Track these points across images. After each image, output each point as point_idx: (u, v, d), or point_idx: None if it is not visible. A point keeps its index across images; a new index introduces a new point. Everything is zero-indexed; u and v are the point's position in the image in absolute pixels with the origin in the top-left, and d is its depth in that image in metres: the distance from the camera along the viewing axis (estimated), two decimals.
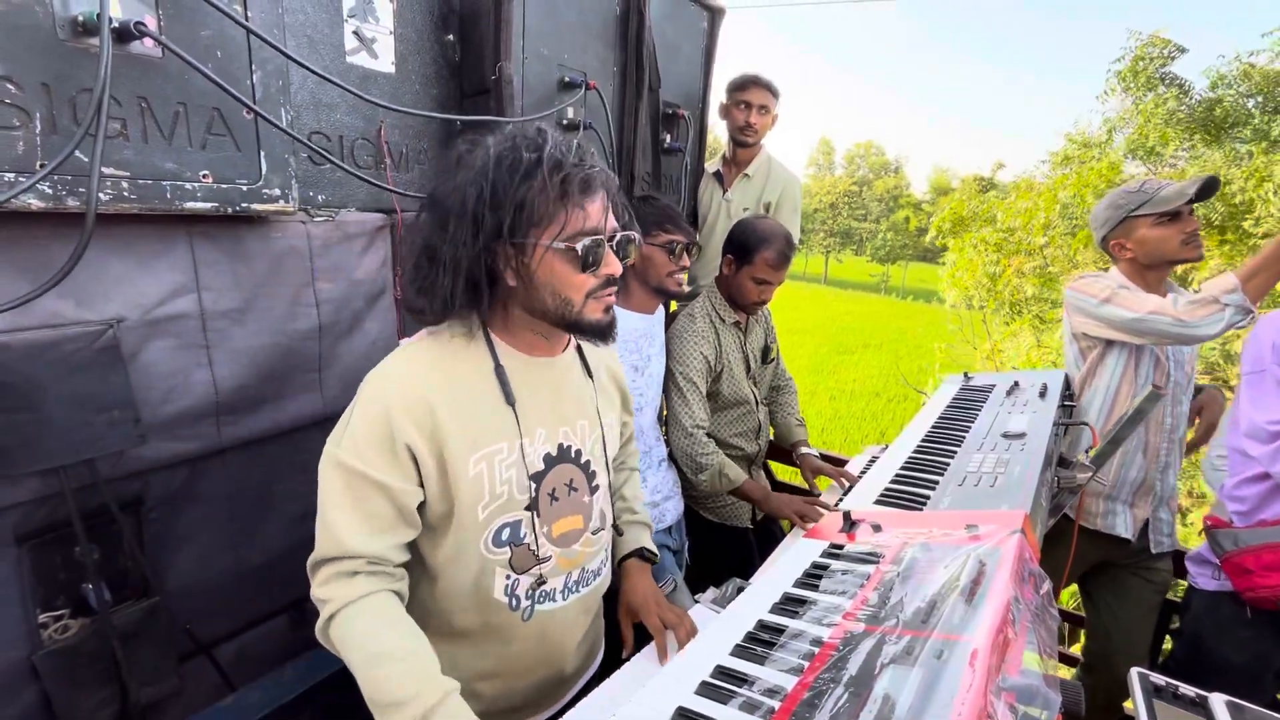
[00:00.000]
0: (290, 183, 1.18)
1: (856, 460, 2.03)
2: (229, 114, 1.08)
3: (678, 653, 0.91)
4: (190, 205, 1.05)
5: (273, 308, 1.27)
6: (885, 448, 1.84)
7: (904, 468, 1.52)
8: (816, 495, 1.83)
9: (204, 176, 1.06)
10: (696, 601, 1.17)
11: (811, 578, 1.03)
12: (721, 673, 0.80)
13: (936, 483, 1.39)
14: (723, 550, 2.01)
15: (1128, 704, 1.84)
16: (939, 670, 0.71)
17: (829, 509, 1.50)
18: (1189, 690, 0.99)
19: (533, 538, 0.98)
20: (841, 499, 1.57)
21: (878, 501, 1.37)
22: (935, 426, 1.77)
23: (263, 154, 1.13)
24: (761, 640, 0.86)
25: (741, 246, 1.80)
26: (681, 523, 1.87)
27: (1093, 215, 1.90)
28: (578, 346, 1.09)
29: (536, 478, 0.97)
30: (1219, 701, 0.97)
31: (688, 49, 2.14)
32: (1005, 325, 7.43)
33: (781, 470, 2.84)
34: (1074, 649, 2.45)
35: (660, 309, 1.82)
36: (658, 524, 1.72)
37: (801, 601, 0.95)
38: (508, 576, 0.97)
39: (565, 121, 1.69)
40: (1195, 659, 1.65)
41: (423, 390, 0.88)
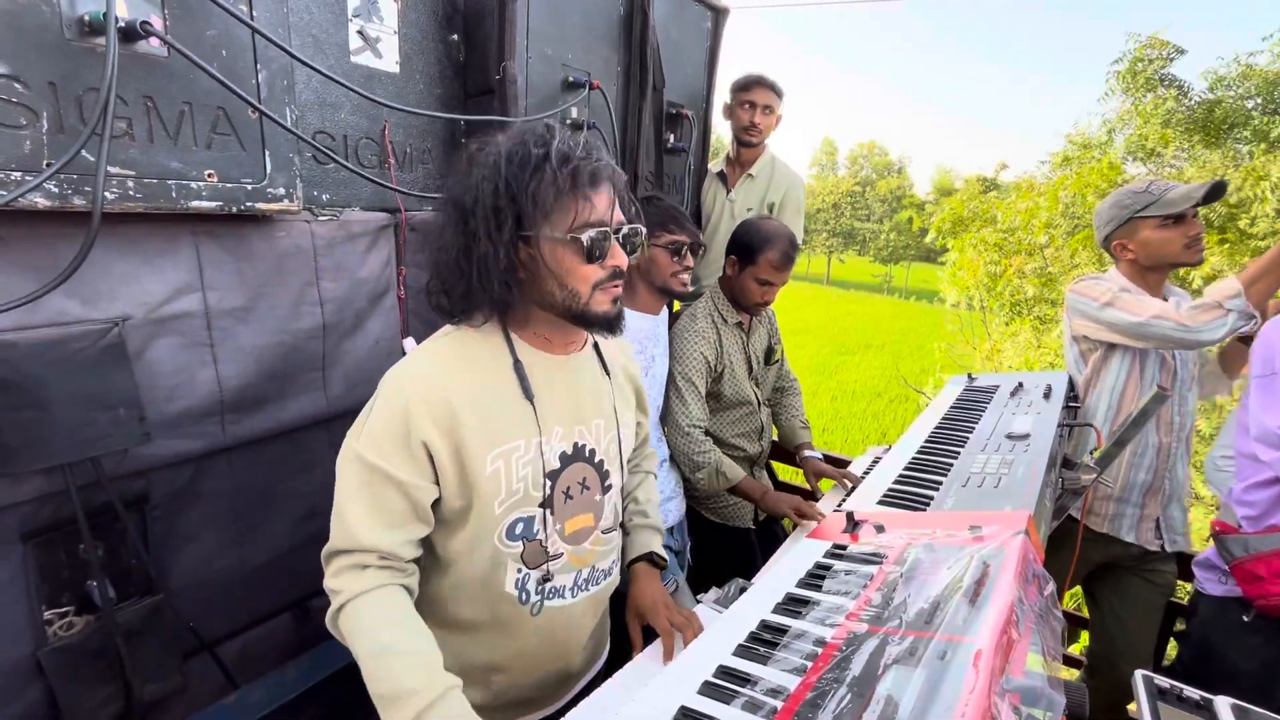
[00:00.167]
0: (295, 182, 1.18)
1: (860, 461, 2.03)
2: (234, 113, 1.08)
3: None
4: (195, 204, 1.05)
5: (277, 307, 1.28)
6: (888, 448, 1.84)
7: (907, 468, 1.52)
8: (819, 498, 1.82)
9: (209, 176, 1.06)
10: (699, 602, 1.17)
11: (814, 578, 1.03)
12: (724, 672, 0.80)
13: (940, 483, 1.39)
14: (725, 550, 2.01)
15: (1131, 706, 1.83)
16: (942, 671, 0.71)
17: (820, 516, 1.51)
18: (1193, 693, 0.99)
19: (545, 534, 0.99)
20: (844, 499, 1.57)
21: (881, 502, 1.36)
22: (939, 427, 1.76)
23: (267, 153, 1.14)
24: (764, 640, 0.86)
25: (745, 247, 1.80)
26: (684, 523, 1.87)
27: (1096, 213, 1.89)
28: (595, 345, 1.09)
29: (552, 475, 0.98)
30: (1224, 704, 0.97)
31: (692, 49, 2.14)
32: (1005, 325, 7.41)
33: (784, 470, 2.84)
34: (1073, 649, 2.44)
35: (665, 310, 1.82)
36: None
37: (804, 602, 0.95)
38: (519, 570, 0.99)
39: (569, 121, 1.69)
40: (1203, 664, 1.64)
41: (442, 388, 0.90)
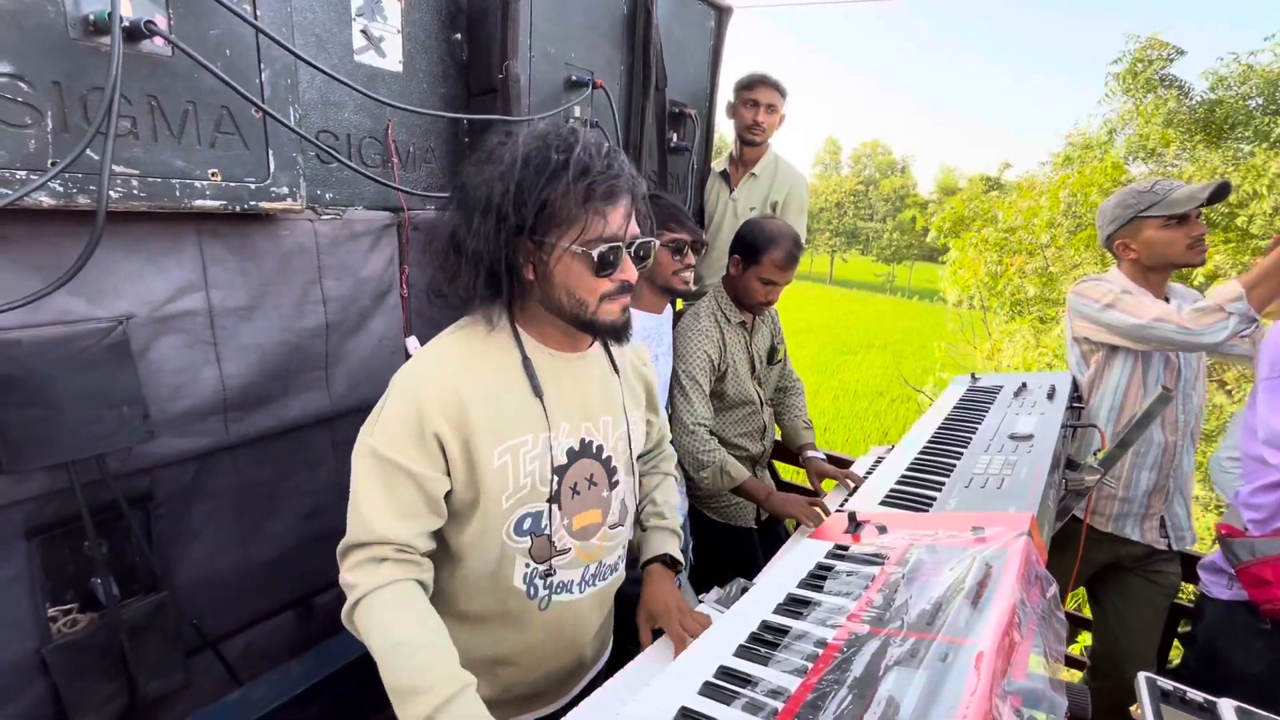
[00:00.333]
0: (298, 181, 1.19)
1: (862, 461, 2.03)
2: (238, 112, 1.08)
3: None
4: (199, 203, 1.05)
5: (280, 305, 1.28)
6: (891, 448, 1.83)
7: (910, 469, 1.51)
8: (821, 498, 1.82)
9: (213, 175, 1.07)
10: (701, 601, 1.17)
11: (816, 578, 1.03)
12: (725, 673, 0.80)
13: (943, 484, 1.38)
14: (727, 550, 2.01)
15: (1134, 708, 1.83)
16: (944, 673, 0.71)
17: (827, 513, 1.51)
18: (1197, 695, 0.99)
19: (553, 529, 1.00)
20: (846, 500, 1.57)
21: (883, 502, 1.36)
22: (942, 428, 1.76)
23: (271, 152, 1.14)
24: (765, 641, 0.86)
25: (749, 247, 1.80)
26: (686, 523, 1.87)
27: (1100, 211, 1.88)
28: (604, 343, 1.10)
29: (559, 471, 0.98)
30: (1228, 707, 0.96)
31: (695, 48, 2.13)
32: (1007, 324, 7.39)
33: (786, 471, 2.84)
34: (1071, 649, 2.43)
35: (668, 309, 1.82)
36: None
37: (806, 602, 0.95)
38: (527, 565, 1.00)
39: (572, 120, 1.69)
40: (1209, 668, 1.63)
41: (453, 383, 0.91)
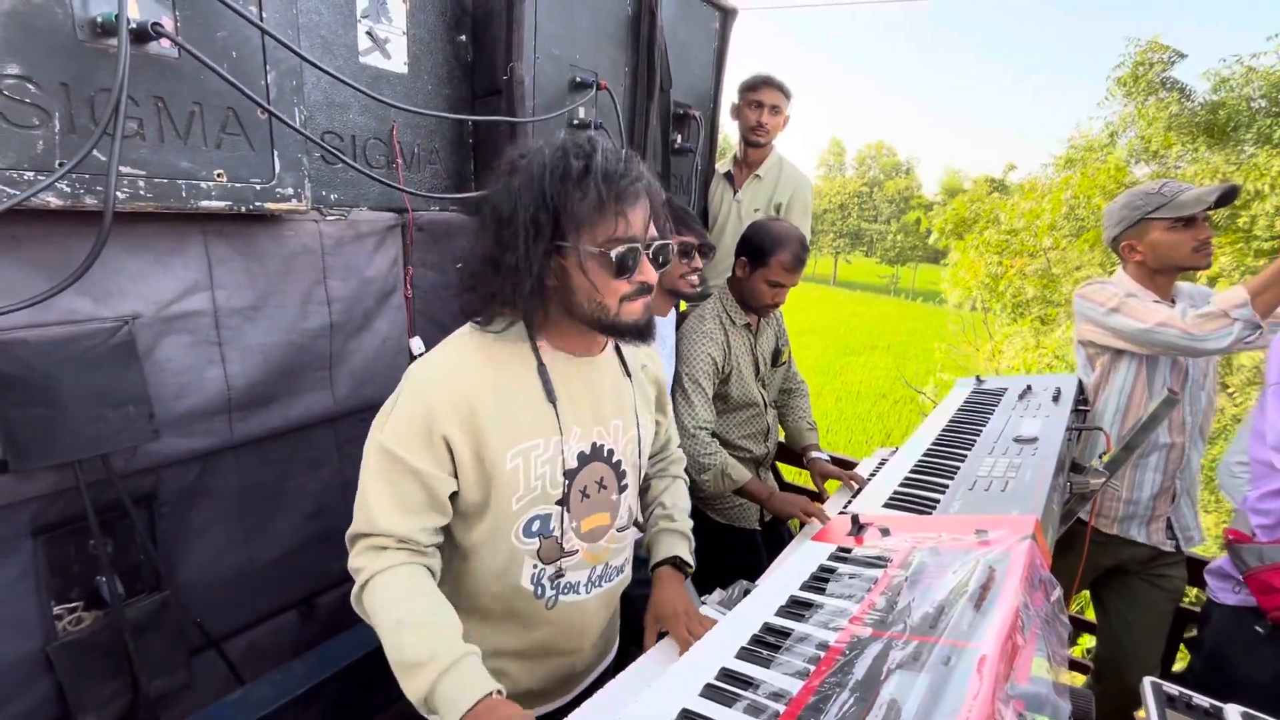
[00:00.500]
0: (303, 182, 1.19)
1: (866, 463, 2.02)
2: (243, 114, 1.09)
3: None
4: (205, 204, 1.06)
5: (285, 306, 1.29)
6: (895, 450, 1.83)
7: (913, 471, 1.51)
8: (825, 499, 1.82)
9: (218, 175, 1.07)
10: (703, 603, 1.17)
11: (818, 581, 1.02)
12: (726, 675, 0.80)
13: (946, 486, 1.38)
14: (730, 552, 2.01)
15: (1139, 713, 1.81)
16: (946, 676, 0.70)
17: (825, 519, 1.50)
18: (1203, 701, 0.98)
19: (561, 531, 1.01)
20: (850, 502, 1.56)
21: (886, 505, 1.36)
22: (946, 430, 1.75)
23: (276, 153, 1.14)
24: (767, 643, 0.86)
25: (756, 249, 1.79)
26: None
27: (1107, 212, 1.88)
28: (616, 346, 1.11)
29: (569, 475, 0.99)
30: (1234, 713, 0.96)
31: (699, 49, 2.14)
32: (1009, 326, 7.37)
33: (790, 472, 2.83)
34: (1073, 652, 2.42)
35: (673, 311, 1.82)
36: None
37: (808, 605, 0.95)
38: (535, 566, 1.01)
39: (576, 122, 1.69)
40: (1215, 674, 1.62)
41: (465, 385, 0.92)
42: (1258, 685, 1.50)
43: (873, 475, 1.63)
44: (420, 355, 1.51)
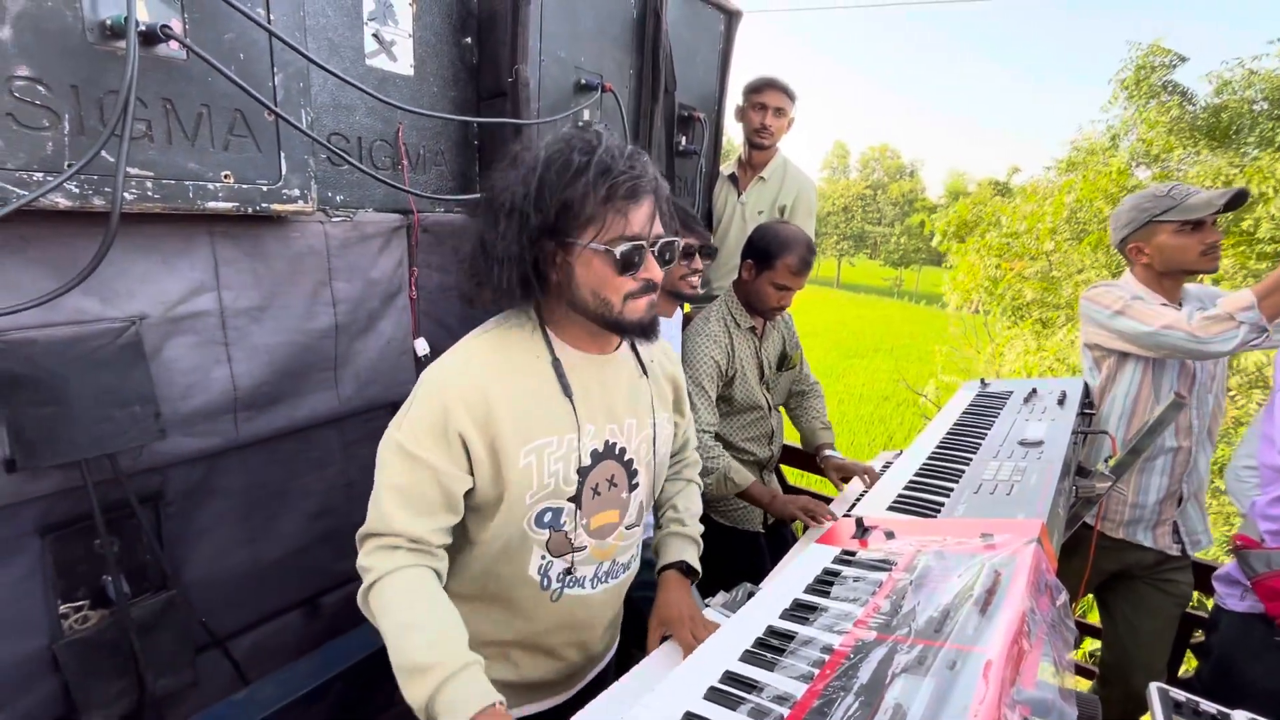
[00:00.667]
0: (309, 183, 1.19)
1: (871, 465, 2.02)
2: (250, 115, 1.09)
3: None
4: (212, 205, 1.06)
5: (291, 306, 1.29)
6: (899, 453, 1.83)
7: (918, 474, 1.50)
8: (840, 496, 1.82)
9: (225, 177, 1.08)
10: (707, 605, 1.17)
11: (823, 584, 1.02)
12: (730, 678, 0.80)
13: (951, 490, 1.37)
14: (733, 554, 2.00)
15: (1145, 718, 1.80)
16: (951, 681, 0.70)
17: (831, 516, 1.51)
18: (1210, 707, 0.97)
19: (572, 526, 1.01)
20: (855, 504, 1.56)
21: (891, 508, 1.35)
22: (951, 433, 1.75)
23: (283, 155, 1.15)
24: (771, 646, 0.86)
25: (763, 252, 1.79)
26: None
27: (1114, 215, 1.87)
28: (632, 344, 1.11)
29: (582, 472, 1.00)
30: (1242, 719, 0.95)
31: (704, 52, 2.14)
32: (1010, 328, 7.34)
33: (793, 475, 2.83)
34: (1075, 655, 2.40)
35: (678, 313, 1.82)
36: None
37: (812, 608, 0.94)
38: (543, 557, 1.02)
39: (580, 124, 1.69)
40: (1223, 680, 1.61)
41: (480, 383, 0.92)
42: (1266, 692, 1.49)
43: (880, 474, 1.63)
44: (424, 356, 1.52)
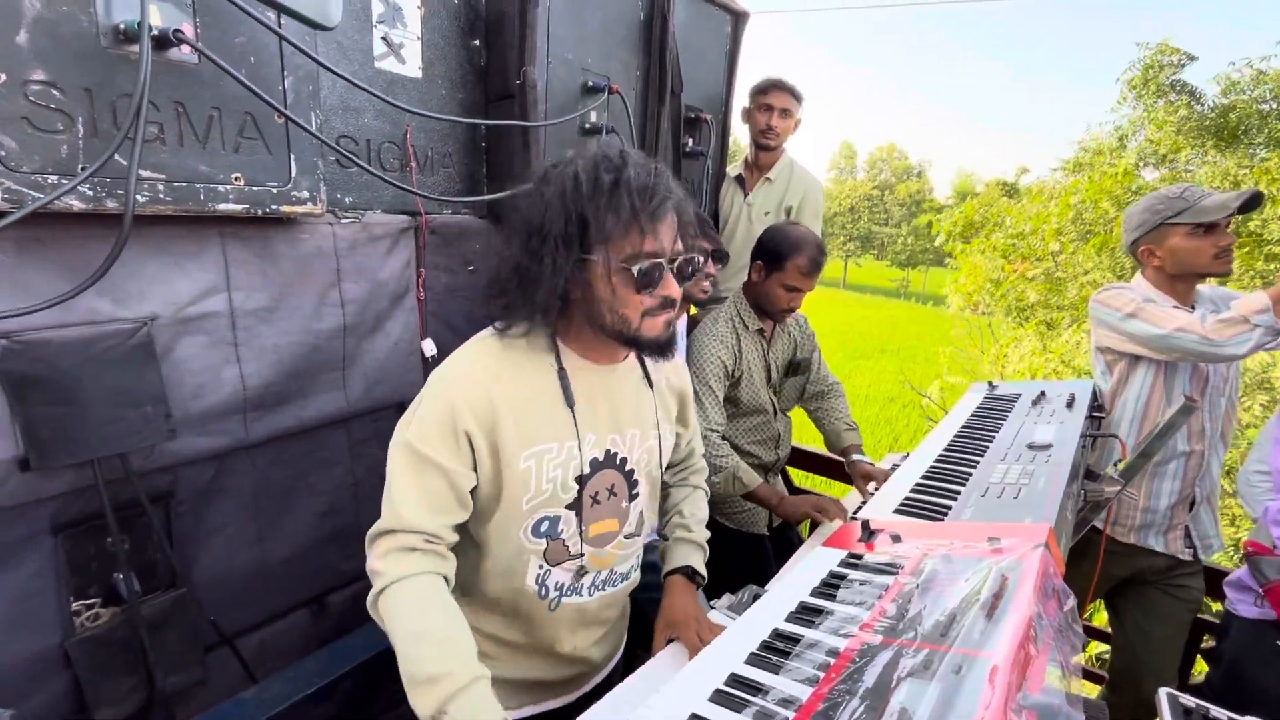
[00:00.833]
0: (318, 185, 1.20)
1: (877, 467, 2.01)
2: (261, 118, 1.10)
3: None
4: (222, 207, 1.07)
5: (300, 307, 1.30)
6: (905, 455, 1.82)
7: (925, 477, 1.50)
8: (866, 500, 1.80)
9: (236, 179, 1.09)
10: (712, 608, 1.17)
11: (829, 587, 1.02)
12: (736, 681, 0.80)
13: (958, 493, 1.37)
14: (739, 557, 2.00)
15: None
16: (957, 685, 0.70)
17: (842, 512, 1.50)
18: (1220, 713, 0.96)
19: (569, 535, 1.02)
20: (860, 507, 1.56)
21: (897, 511, 1.35)
22: (958, 436, 1.74)
23: (292, 157, 1.16)
24: (777, 649, 0.86)
25: (773, 253, 1.79)
26: None
27: (1127, 216, 1.85)
28: (639, 355, 1.11)
29: (581, 480, 1.00)
30: None
31: (711, 53, 2.14)
32: (1014, 330, 7.29)
33: (799, 477, 2.82)
34: (1078, 658, 2.38)
35: (684, 316, 1.82)
36: None
37: (818, 611, 0.94)
38: (540, 566, 1.02)
39: (588, 126, 1.70)
40: (1234, 687, 1.60)
41: (486, 388, 0.93)
42: (1277, 699, 1.48)
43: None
44: (431, 357, 1.53)
